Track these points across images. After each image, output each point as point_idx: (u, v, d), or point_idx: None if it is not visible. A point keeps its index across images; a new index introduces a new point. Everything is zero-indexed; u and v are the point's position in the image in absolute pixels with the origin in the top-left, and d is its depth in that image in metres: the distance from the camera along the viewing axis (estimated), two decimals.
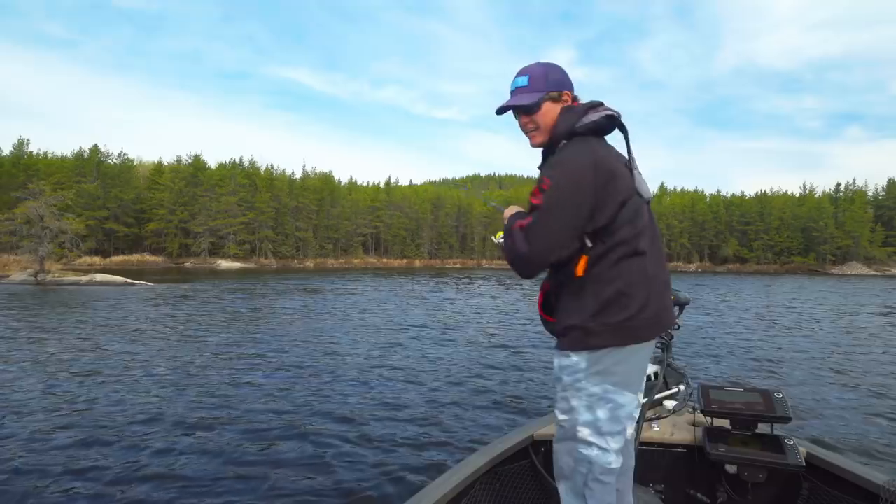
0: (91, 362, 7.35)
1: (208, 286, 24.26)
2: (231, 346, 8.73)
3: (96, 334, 9.88)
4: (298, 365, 7.32)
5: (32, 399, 5.47)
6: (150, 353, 8.15)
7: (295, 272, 46.23)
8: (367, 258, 75.81)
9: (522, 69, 1.57)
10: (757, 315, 15.05)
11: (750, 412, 2.00)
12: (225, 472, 3.71)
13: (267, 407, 5.28)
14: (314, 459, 3.96)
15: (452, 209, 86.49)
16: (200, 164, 65.11)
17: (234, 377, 6.53)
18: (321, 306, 16.02)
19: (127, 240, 60.66)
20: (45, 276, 22.08)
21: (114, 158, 63.29)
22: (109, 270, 46.16)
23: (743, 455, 1.92)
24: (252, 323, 11.82)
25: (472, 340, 9.73)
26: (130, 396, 5.61)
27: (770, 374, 7.24)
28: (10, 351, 8.15)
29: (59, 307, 14.83)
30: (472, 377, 6.70)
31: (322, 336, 10.00)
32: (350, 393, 5.88)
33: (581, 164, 1.39)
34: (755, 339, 10.38)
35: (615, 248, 1.42)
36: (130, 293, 19.60)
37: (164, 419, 4.84)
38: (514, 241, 1.41)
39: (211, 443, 4.28)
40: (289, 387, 6.08)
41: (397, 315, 13.87)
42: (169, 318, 12.44)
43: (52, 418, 4.84)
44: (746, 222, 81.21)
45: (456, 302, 18.57)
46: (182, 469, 3.78)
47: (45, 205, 23.61)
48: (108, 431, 4.49)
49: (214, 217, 60.39)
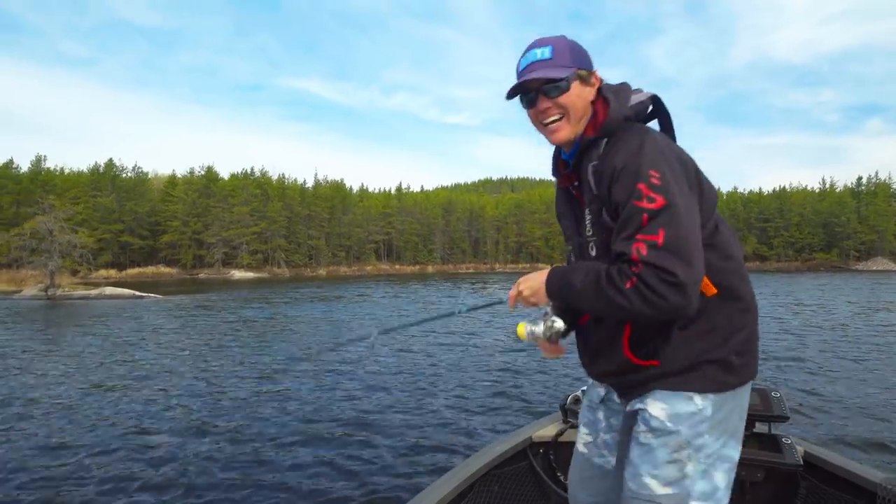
0: (92, 374, 7.34)
1: (216, 297, 24.19)
2: (230, 357, 8.52)
3: (103, 347, 9.77)
4: (309, 372, 7.32)
5: (49, 411, 5.52)
6: (155, 363, 8.11)
7: (308, 280, 46.30)
8: (380, 265, 75.76)
9: (540, 39, 1.19)
10: (778, 312, 14.38)
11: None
12: (231, 477, 3.79)
13: (276, 412, 5.35)
14: (316, 463, 4.01)
15: (464, 214, 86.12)
16: (213, 175, 65.77)
17: (240, 386, 6.53)
18: (338, 313, 15.78)
19: (142, 252, 61.39)
20: (55, 291, 22.15)
21: (128, 172, 64.31)
22: (125, 283, 46.70)
23: (741, 454, 1.67)
24: (260, 333, 11.57)
25: (486, 346, 9.51)
26: (142, 407, 5.63)
27: (782, 370, 7.07)
28: (11, 365, 8.13)
29: (64, 322, 14.77)
30: (486, 381, 6.65)
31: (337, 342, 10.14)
32: (355, 396, 5.98)
33: (671, 146, 1.10)
34: (773, 336, 9.81)
35: (728, 259, 1.13)
36: (140, 306, 19.66)
37: (186, 430, 4.85)
38: (651, 276, 0.96)
39: (221, 450, 4.32)
40: (296, 394, 6.11)
41: (413, 320, 13.61)
42: (175, 330, 12.28)
43: (72, 429, 4.90)
44: (765, 219, 79.44)
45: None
46: (197, 476, 3.82)
47: (55, 219, 23.65)
48: (129, 442, 4.54)
49: (227, 227, 60.88)
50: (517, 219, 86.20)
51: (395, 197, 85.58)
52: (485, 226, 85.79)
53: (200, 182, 64.29)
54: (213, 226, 60.59)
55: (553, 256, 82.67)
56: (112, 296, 21.62)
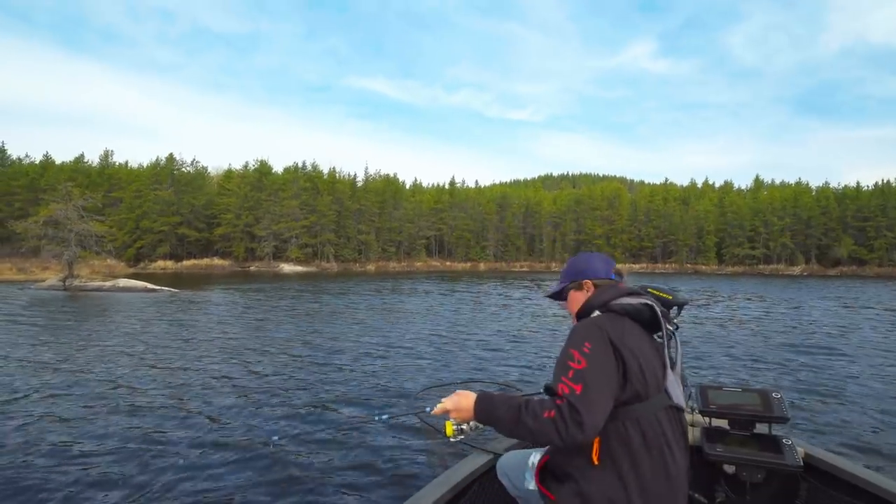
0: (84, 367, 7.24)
1: (235, 292, 22.60)
2: (230, 363, 7.35)
3: (105, 339, 9.69)
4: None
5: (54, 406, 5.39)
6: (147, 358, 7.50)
7: (356, 276, 45.04)
8: (431, 261, 73.67)
9: None
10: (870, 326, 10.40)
11: (748, 412, 2.00)
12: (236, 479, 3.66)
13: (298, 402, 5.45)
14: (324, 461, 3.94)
15: (519, 209, 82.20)
16: (266, 168, 66.20)
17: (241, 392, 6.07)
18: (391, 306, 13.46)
19: (199, 245, 62.73)
20: (72, 282, 21.31)
21: (187, 166, 65.91)
22: (180, 274, 47.47)
23: (741, 455, 1.92)
24: (254, 336, 9.34)
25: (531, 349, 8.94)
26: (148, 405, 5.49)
27: None
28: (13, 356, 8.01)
29: (71, 314, 13.36)
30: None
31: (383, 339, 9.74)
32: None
33: (589, 325, 1.44)
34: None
35: (625, 439, 1.36)
36: (149, 299, 18.41)
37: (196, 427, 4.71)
38: (548, 418, 1.30)
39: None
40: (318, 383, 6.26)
41: (463, 321, 12.92)
42: (169, 324, 10.65)
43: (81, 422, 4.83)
44: (864, 218, 69.82)
45: (520, 306, 16.37)
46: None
47: (74, 207, 22.87)
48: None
49: (277, 221, 60.89)
50: (576, 215, 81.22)
51: (448, 192, 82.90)
52: (541, 222, 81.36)
53: (253, 176, 64.86)
54: (263, 219, 60.82)
55: (615, 255, 77.18)
56: (126, 288, 20.51)
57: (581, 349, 1.34)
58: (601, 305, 1.51)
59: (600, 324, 1.41)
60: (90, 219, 22.92)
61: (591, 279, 1.65)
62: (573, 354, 1.34)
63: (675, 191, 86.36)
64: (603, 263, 1.69)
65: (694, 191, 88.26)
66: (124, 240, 57.52)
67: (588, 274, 1.66)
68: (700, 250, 75.63)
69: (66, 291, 20.79)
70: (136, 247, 58.28)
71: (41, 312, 14.42)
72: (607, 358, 1.34)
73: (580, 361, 1.32)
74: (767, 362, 7.94)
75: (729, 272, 68.37)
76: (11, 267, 38.07)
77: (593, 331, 1.39)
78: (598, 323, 1.42)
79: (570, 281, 1.70)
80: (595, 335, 1.37)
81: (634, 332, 1.44)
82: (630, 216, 79.42)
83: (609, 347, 1.36)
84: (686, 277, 51.81)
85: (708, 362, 7.89)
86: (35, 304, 17.08)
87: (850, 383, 6.56)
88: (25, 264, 37.78)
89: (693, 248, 75.88)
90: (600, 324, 1.41)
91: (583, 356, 1.33)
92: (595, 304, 1.53)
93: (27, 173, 60.06)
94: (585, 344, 1.35)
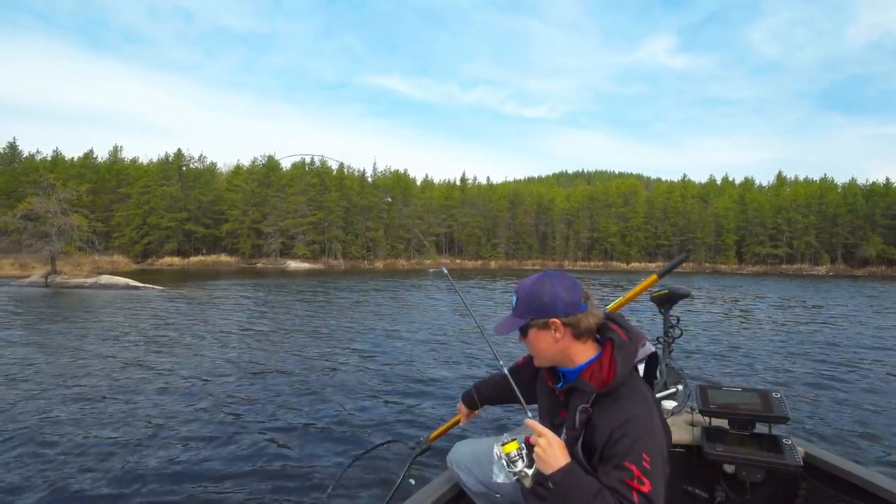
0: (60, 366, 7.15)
1: (226, 288, 21.49)
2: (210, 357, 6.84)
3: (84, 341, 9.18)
4: None
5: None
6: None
7: (364, 273, 43.98)
8: (440, 259, 72.28)
9: (517, 285, 1.41)
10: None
11: (748, 412, 2.00)
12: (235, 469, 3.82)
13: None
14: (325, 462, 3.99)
15: (531, 206, 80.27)
16: (274, 163, 65.36)
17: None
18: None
19: (206, 241, 62.20)
20: (54, 278, 20.34)
21: (195, 162, 65.37)
22: (187, 270, 46.80)
23: (741, 455, 1.92)
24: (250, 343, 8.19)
25: None
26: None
27: None
28: None
29: (41, 312, 12.33)
30: None
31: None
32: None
33: (657, 426, 1.25)
34: None
35: None
36: (131, 297, 17.36)
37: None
38: None
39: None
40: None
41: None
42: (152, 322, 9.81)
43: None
44: (894, 216, 66.73)
45: None
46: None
47: (56, 201, 21.84)
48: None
49: (284, 217, 60.03)
50: (590, 212, 79.06)
51: (459, 188, 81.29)
52: (554, 219, 79.34)
53: (261, 171, 64.10)
54: (270, 215, 60.01)
55: (630, 254, 75.02)
56: (107, 285, 19.50)
57: (649, 459, 1.17)
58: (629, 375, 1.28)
59: (657, 432, 1.23)
60: (73, 212, 21.96)
61: (561, 318, 1.29)
62: (632, 471, 1.16)
63: (693, 188, 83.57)
64: (570, 292, 1.31)
65: (713, 187, 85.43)
66: (132, 236, 57.19)
67: (558, 310, 1.30)
68: (719, 249, 73.08)
69: (48, 288, 19.88)
70: (143, 243, 57.90)
71: (12, 310, 13.47)
72: (664, 464, 1.22)
73: (643, 482, 1.15)
74: (785, 368, 7.79)
75: (749, 272, 65.87)
76: (13, 262, 37.61)
77: (652, 444, 1.20)
78: (655, 430, 1.22)
79: (531, 317, 1.33)
80: (654, 448, 1.19)
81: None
82: (646, 213, 77.06)
83: (665, 451, 1.23)
84: (705, 275, 49.81)
85: (726, 366, 7.65)
86: (12, 301, 16.23)
87: (865, 391, 6.44)
88: (27, 260, 37.36)
89: (712, 247, 73.33)
90: (657, 432, 1.23)
91: (649, 464, 1.17)
92: (624, 376, 1.26)
93: (37, 169, 60.05)
94: (645, 457, 1.17)
